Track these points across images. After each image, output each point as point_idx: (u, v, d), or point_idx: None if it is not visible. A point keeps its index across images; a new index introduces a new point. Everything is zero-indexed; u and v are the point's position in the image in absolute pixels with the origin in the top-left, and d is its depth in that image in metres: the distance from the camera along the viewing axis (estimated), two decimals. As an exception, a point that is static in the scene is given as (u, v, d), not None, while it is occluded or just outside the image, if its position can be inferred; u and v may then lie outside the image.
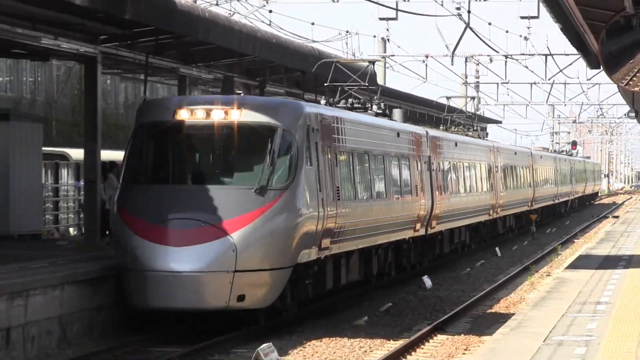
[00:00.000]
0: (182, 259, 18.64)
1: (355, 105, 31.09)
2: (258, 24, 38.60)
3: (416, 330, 23.74)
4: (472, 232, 46.93)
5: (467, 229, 45.57)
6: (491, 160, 49.61)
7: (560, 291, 25.38)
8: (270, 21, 33.77)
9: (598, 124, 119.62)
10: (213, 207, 19.37)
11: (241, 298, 18.72)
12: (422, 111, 59.45)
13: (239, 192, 20.02)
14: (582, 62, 46.87)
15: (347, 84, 32.14)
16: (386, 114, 32.77)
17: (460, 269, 39.75)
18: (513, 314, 25.13)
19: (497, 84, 71.18)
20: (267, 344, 21.21)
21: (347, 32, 47.72)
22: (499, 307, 30.01)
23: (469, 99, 66.18)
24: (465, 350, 22.02)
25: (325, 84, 31.57)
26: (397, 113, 36.01)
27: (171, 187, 20.30)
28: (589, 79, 63.83)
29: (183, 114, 20.38)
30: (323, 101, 29.39)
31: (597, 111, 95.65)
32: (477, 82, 76.19)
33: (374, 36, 57.72)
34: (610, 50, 22.85)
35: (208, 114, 20.26)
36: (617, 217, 78.46)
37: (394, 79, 58.89)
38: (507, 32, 55.56)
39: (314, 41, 43.32)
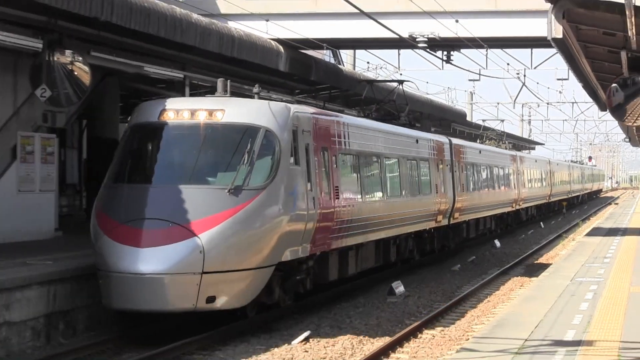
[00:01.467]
0: (146, 260, 16.66)
1: (386, 116, 31.74)
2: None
3: (490, 274, 31.42)
4: (497, 220, 49.97)
5: (493, 218, 48.28)
6: (514, 165, 53.46)
7: (581, 250, 32.82)
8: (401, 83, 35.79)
9: (605, 145, 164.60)
10: (183, 207, 17.31)
11: (211, 299, 16.81)
12: (470, 132, 69.14)
13: (212, 192, 17.82)
14: (595, 107, 65.54)
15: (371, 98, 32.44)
16: (412, 124, 32.84)
17: (518, 235, 50.73)
18: (551, 264, 31.42)
19: (542, 120, 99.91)
20: (397, 281, 27.67)
21: (448, 87, 72.32)
22: (542, 260, 38.21)
23: (523, 124, 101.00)
24: (521, 286, 28.33)
25: (362, 97, 32.33)
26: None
27: (143, 187, 18.18)
28: (600, 117, 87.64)
29: (168, 115, 18.60)
30: (354, 112, 30.90)
31: (604, 137, 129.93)
32: (529, 118, 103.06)
33: (465, 90, 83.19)
34: (613, 100, 28.90)
35: (192, 115, 18.42)
36: (617, 203, 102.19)
37: (478, 116, 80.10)
38: (548, 88, 78.98)
39: (427, 93, 60.50)
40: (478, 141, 56.52)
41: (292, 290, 20.16)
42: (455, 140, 38.02)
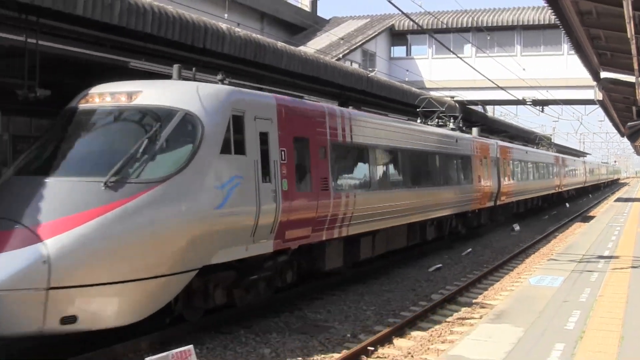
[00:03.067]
0: None
1: (440, 123, 32.10)
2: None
3: (563, 221, 45.51)
4: (543, 199, 55.35)
5: (539, 199, 53.25)
6: (558, 163, 59.58)
7: (611, 209, 46.14)
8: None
9: (624, 155, 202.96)
10: (40, 205, 11.95)
11: (69, 320, 11.51)
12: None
13: (82, 186, 12.30)
14: (618, 135, 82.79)
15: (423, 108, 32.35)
16: (462, 128, 34.29)
17: (543, 215, 54.05)
18: (595, 216, 44.32)
19: (591, 142, 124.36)
20: (516, 223, 39.93)
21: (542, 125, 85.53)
22: (590, 214, 52.48)
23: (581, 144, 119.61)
24: (579, 227, 39.34)
25: (417, 109, 32.50)
26: (474, 130, 37.87)
27: (16, 180, 12.95)
28: (620, 140, 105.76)
29: (91, 99, 14.07)
30: (418, 120, 31.01)
31: (623, 151, 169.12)
32: (584, 141, 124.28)
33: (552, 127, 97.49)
34: (627, 132, 42.72)
35: (113, 98, 13.82)
36: (629, 185, 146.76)
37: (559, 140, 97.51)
38: (594, 125, 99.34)
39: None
40: (534, 146, 58.47)
41: (256, 288, 15.89)
42: (501, 142, 40.10)
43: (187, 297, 14.22)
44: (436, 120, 32.17)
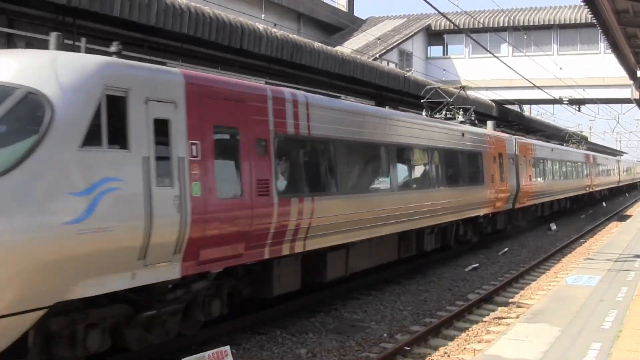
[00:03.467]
0: None
1: (448, 115, 28.60)
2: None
3: (600, 220, 45.02)
4: (572, 201, 51.37)
5: (567, 200, 48.92)
6: (589, 161, 55.82)
7: (633, 224, 39.20)
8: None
9: None
10: None
11: None
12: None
13: None
14: None
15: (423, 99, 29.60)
16: (474, 122, 30.16)
17: (580, 214, 52.92)
18: (631, 215, 44.59)
19: (628, 140, 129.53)
20: (552, 222, 39.26)
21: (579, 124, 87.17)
22: (627, 213, 52.97)
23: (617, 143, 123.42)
24: (616, 226, 39.94)
25: (422, 101, 29.37)
26: (489, 124, 33.64)
27: None
28: None
29: None
30: (424, 112, 28.38)
31: None
32: (620, 140, 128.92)
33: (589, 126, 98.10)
34: None
35: None
36: None
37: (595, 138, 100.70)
38: (630, 124, 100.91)
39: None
40: (563, 144, 54.09)
41: (162, 326, 12.22)
42: (520, 138, 35.65)
43: (44, 343, 10.34)
44: (444, 112, 28.66)
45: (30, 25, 16.24)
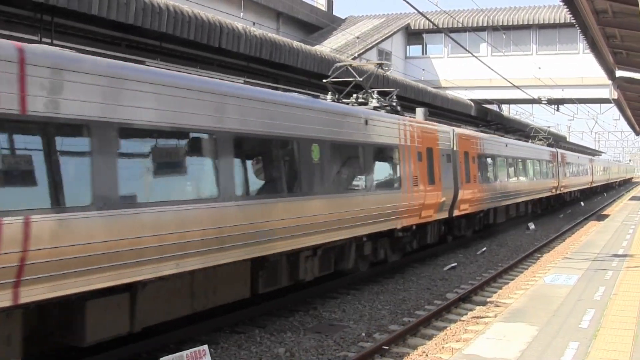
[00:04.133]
0: None
1: (360, 100, 22.42)
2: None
3: (579, 219, 45.11)
4: (535, 204, 45.88)
5: (529, 202, 42.98)
6: (556, 159, 50.61)
7: (626, 208, 45.85)
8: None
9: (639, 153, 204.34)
10: None
11: None
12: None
13: None
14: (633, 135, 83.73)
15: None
16: (395, 109, 22.88)
17: (559, 213, 53.48)
18: (609, 215, 43.68)
19: (605, 140, 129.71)
20: (531, 222, 39.21)
21: (558, 124, 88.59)
22: (605, 212, 50.59)
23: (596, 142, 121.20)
24: (594, 225, 38.93)
25: (324, 80, 22.75)
26: (419, 112, 28.15)
27: None
28: (635, 138, 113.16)
29: None
30: (329, 96, 21.39)
31: (639, 149, 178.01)
32: (599, 140, 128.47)
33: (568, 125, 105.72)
34: None
35: None
36: None
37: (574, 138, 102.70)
38: (609, 124, 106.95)
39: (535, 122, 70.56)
40: (530, 141, 50.76)
41: None
42: (460, 130, 29.47)
43: None
44: (354, 96, 22.85)
45: (7, 24, 16.06)
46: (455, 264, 25.30)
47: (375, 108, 22.07)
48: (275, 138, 14.87)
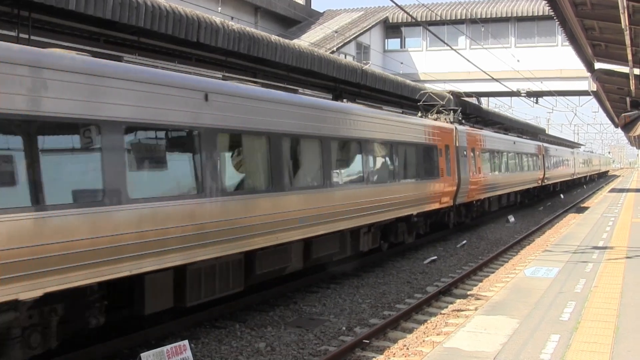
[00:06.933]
0: None
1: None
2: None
3: (559, 211, 45.34)
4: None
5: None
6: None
7: (605, 200, 46.47)
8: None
9: (618, 145, 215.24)
10: None
11: None
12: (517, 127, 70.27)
13: None
14: (612, 126, 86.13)
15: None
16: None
17: (539, 206, 54.23)
18: (589, 207, 42.65)
19: (585, 132, 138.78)
20: (511, 215, 39.78)
21: (536, 117, 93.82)
22: (585, 205, 51.91)
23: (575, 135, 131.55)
24: (574, 218, 39.21)
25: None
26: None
27: None
28: (614, 131, 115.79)
29: None
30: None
31: (617, 142, 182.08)
32: (578, 132, 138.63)
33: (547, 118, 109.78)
34: (623, 122, 42.28)
35: None
36: (623, 176, 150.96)
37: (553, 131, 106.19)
38: (588, 116, 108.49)
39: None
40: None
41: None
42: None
43: None
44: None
45: (-17, 19, 16.04)
46: (436, 257, 25.38)
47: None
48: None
